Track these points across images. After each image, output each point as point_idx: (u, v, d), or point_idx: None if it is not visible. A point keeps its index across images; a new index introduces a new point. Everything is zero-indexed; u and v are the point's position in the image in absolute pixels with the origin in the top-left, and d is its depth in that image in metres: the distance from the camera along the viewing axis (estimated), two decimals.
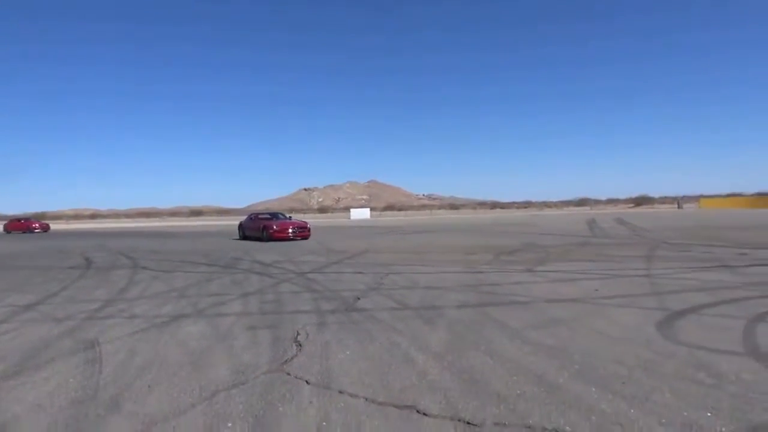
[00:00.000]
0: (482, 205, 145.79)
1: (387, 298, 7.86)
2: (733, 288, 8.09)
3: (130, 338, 5.80)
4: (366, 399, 3.82)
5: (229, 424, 3.41)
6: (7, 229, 48.88)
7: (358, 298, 7.89)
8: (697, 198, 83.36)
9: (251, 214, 27.52)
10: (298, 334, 5.78)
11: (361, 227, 38.07)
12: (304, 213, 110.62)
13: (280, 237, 22.96)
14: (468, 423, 3.36)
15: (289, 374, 4.42)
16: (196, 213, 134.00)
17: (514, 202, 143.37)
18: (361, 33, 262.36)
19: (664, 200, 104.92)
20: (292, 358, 4.87)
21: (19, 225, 49.64)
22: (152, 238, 29.02)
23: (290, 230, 23.44)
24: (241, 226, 26.87)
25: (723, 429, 3.22)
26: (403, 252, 16.02)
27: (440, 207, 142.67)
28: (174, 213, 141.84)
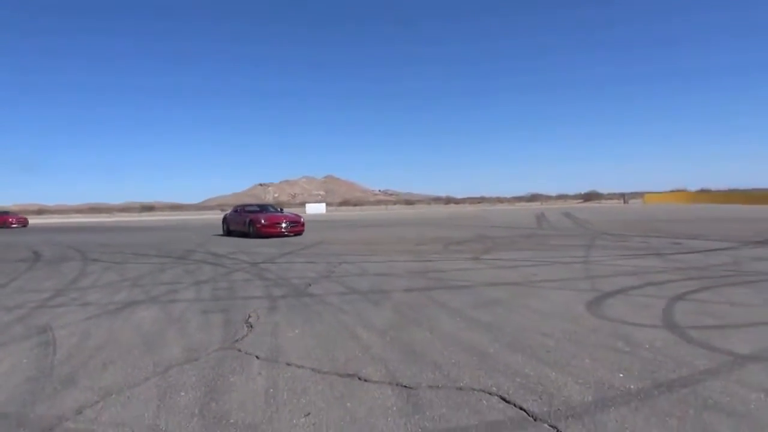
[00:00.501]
0: (437, 200, 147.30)
1: (337, 285, 8.15)
2: (661, 272, 8.71)
3: (83, 323, 5.92)
4: (312, 369, 4.11)
5: (182, 393, 3.65)
6: None
7: (309, 285, 8.16)
8: (642, 194, 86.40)
9: (236, 207, 24.35)
10: (249, 316, 6.02)
11: (316, 221, 38.13)
12: None
13: (270, 233, 19.51)
14: (405, 386, 3.69)
15: (240, 350, 4.67)
16: (148, 208, 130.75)
17: (468, 198, 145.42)
18: (316, 25, 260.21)
19: (611, 196, 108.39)
20: (243, 337, 5.12)
21: None
22: (103, 233, 28.41)
23: (282, 225, 19.98)
24: (225, 219, 23.25)
25: (631, 386, 3.64)
26: (356, 243, 16.31)
27: (396, 202, 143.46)
28: (125, 209, 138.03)
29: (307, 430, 3.02)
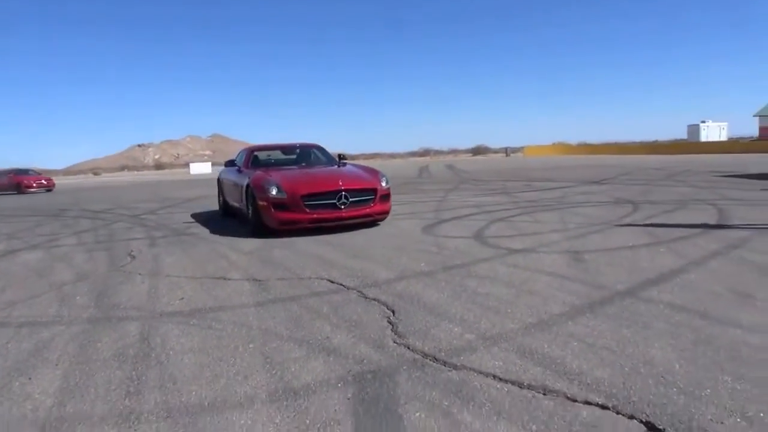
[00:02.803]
0: None
1: (215, 226, 9.09)
2: (498, 205, 10.44)
3: None
4: (187, 277, 5.18)
5: (78, 297, 4.59)
6: None
7: (189, 227, 9.03)
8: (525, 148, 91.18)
9: (244, 152, 10.22)
10: (131, 251, 6.89)
11: (200, 180, 37.80)
12: (138, 171, 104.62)
13: (297, 220, 7.51)
14: (258, 280, 4.88)
15: (125, 271, 5.61)
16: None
17: (362, 154, 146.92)
18: None
19: (498, 150, 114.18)
20: (126, 264, 6.04)
21: (6, 182, 28.43)
22: None
23: (327, 200, 7.58)
24: (220, 185, 10.99)
25: (425, 269, 5.04)
26: None
27: None
28: None
29: (179, 306, 4.12)
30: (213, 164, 73.47)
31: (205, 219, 10.31)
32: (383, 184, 8.14)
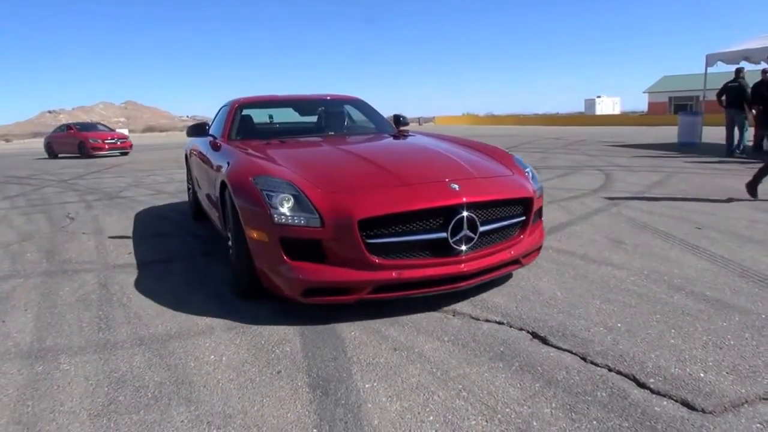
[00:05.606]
0: None
1: (147, 189, 9.26)
2: None
3: None
4: (130, 237, 5.47)
5: (28, 254, 4.82)
6: (52, 149, 22.42)
7: (121, 191, 9.15)
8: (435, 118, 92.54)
9: (225, 110, 5.35)
10: (69, 213, 7.03)
11: None
12: None
13: (346, 286, 2.92)
14: (197, 236, 5.25)
15: (67, 231, 5.83)
16: None
17: None
18: None
19: (412, 120, 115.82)
20: (67, 225, 6.23)
21: (67, 139, 21.79)
22: None
23: (448, 231, 2.96)
24: (188, 165, 6.37)
25: None
26: (164, 162, 16.88)
27: None
28: None
29: (129, 260, 4.48)
30: (130, 131, 71.08)
31: (133, 182, 10.37)
32: (533, 183, 3.61)
